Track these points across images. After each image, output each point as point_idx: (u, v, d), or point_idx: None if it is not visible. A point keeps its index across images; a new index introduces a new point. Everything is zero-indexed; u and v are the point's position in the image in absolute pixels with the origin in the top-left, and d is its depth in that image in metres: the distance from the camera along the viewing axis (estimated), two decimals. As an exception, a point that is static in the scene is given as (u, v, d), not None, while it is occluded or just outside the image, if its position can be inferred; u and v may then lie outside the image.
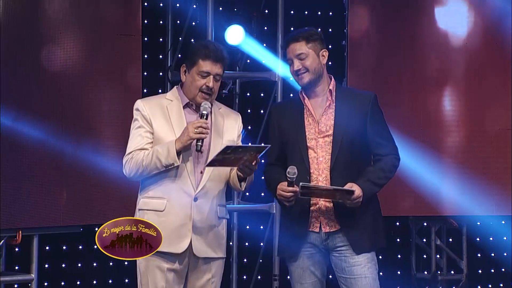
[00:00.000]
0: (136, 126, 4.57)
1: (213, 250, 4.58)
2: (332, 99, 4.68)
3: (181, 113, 4.57)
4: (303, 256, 4.66)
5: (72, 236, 6.90)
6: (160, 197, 4.52)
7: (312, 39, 4.66)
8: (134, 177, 4.55)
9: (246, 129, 7.36)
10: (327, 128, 4.64)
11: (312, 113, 4.68)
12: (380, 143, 4.67)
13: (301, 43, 4.66)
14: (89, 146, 6.45)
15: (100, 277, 7.17)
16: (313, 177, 4.62)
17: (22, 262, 6.59)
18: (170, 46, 7.41)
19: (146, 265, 4.52)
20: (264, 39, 7.48)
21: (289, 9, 7.74)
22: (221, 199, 4.64)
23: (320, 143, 4.64)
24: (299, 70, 4.65)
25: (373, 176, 4.61)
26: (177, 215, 4.50)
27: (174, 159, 4.43)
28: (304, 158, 4.63)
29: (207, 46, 4.54)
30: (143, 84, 6.85)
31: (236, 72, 7.46)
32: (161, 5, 7.42)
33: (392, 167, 4.68)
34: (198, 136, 4.40)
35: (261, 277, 7.63)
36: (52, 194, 6.38)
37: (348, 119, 4.63)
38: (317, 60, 4.66)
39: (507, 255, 7.91)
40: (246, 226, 7.61)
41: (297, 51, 4.65)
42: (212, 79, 4.52)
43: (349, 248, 4.62)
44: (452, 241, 8.03)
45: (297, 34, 4.69)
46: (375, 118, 4.67)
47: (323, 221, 4.63)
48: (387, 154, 4.67)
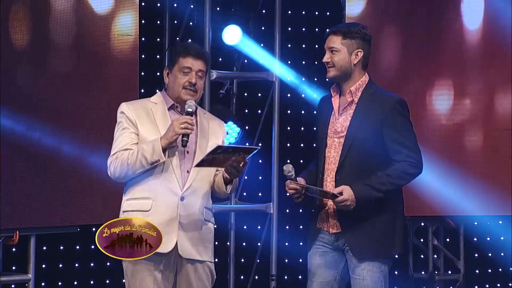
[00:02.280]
0: (120, 127, 4.58)
1: (198, 252, 4.55)
2: (353, 100, 4.62)
3: (166, 114, 4.57)
4: (316, 252, 4.67)
5: (69, 236, 6.89)
6: (146, 197, 4.51)
7: (350, 36, 4.60)
8: (120, 177, 4.54)
9: (244, 129, 7.37)
10: (343, 129, 4.61)
11: (335, 111, 4.66)
12: (395, 149, 4.55)
13: (337, 37, 4.61)
14: (86, 146, 6.44)
15: (97, 277, 7.16)
16: (325, 175, 4.62)
17: (19, 262, 6.59)
18: (167, 46, 7.41)
19: (133, 269, 4.50)
20: (261, 39, 7.48)
21: (287, 9, 7.74)
22: (207, 201, 4.62)
23: (335, 143, 4.62)
24: (327, 63, 4.63)
25: (374, 181, 4.52)
26: (163, 214, 4.48)
27: (159, 155, 4.41)
28: (320, 156, 4.64)
29: (186, 44, 4.62)
30: (140, 84, 6.85)
31: (233, 72, 7.46)
32: (158, 5, 7.41)
33: (402, 174, 4.54)
34: (184, 131, 4.40)
35: (258, 277, 7.63)
36: (49, 194, 6.37)
37: (363, 121, 4.56)
38: (347, 58, 4.60)
39: (504, 255, 7.92)
40: (244, 226, 7.61)
41: (331, 44, 4.62)
42: (195, 75, 4.52)
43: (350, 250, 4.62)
44: (449, 241, 8.04)
45: (339, 27, 4.66)
46: (393, 123, 4.56)
47: (330, 222, 4.63)
48: (401, 161, 4.54)
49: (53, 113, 6.40)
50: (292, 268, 7.74)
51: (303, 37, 7.94)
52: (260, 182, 7.45)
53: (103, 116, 6.58)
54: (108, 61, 6.66)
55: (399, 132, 4.57)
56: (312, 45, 7.92)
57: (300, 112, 7.87)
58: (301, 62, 7.87)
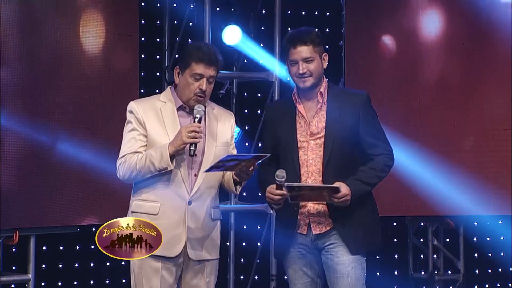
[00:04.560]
0: (129, 128, 4.55)
1: (207, 252, 4.58)
2: (324, 100, 4.67)
3: (175, 115, 4.55)
4: (294, 257, 4.68)
5: (69, 236, 6.89)
6: (154, 200, 4.51)
7: (317, 42, 4.65)
8: (128, 180, 4.54)
9: (243, 129, 7.38)
10: (319, 130, 4.64)
11: (304, 115, 4.68)
12: (372, 143, 4.65)
13: (309, 47, 4.63)
14: (86, 146, 6.45)
15: (97, 277, 7.16)
16: (303, 179, 4.62)
17: (19, 262, 6.59)
18: (167, 46, 7.41)
19: (140, 266, 4.52)
20: (261, 39, 7.48)
21: (286, 9, 7.74)
22: (215, 201, 4.63)
23: (312, 145, 4.64)
24: (304, 74, 4.63)
25: (363, 175, 4.60)
26: (171, 219, 4.48)
27: (167, 163, 4.42)
28: (294, 160, 4.63)
29: (200, 48, 4.51)
30: (140, 84, 6.85)
31: (233, 72, 7.46)
32: (158, 5, 7.41)
33: (384, 166, 4.66)
34: (191, 140, 4.39)
35: (258, 277, 7.63)
36: (49, 195, 6.38)
37: (339, 120, 4.62)
38: (320, 65, 4.67)
39: (504, 255, 7.92)
40: (243, 226, 7.61)
41: (305, 55, 4.63)
42: (205, 82, 4.50)
43: (338, 247, 4.62)
44: (449, 241, 8.04)
45: (305, 36, 4.65)
46: (367, 118, 4.66)
47: (313, 223, 4.63)
48: (379, 154, 4.65)
49: (52, 113, 6.40)
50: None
51: (303, 37, 7.92)
52: (260, 182, 7.43)
53: (103, 116, 6.59)
54: (108, 61, 6.66)
55: (374, 126, 4.68)
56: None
57: (300, 112, 7.85)
58: (301, 62, 7.86)
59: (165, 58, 7.40)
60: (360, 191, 4.58)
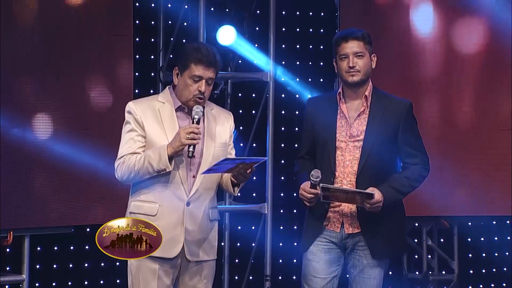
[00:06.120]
0: (127, 129, 4.54)
1: (205, 253, 4.59)
2: (367, 104, 4.70)
3: (173, 116, 4.55)
4: (320, 250, 4.71)
5: (63, 237, 6.88)
6: (152, 201, 4.51)
7: (367, 40, 4.72)
8: (127, 181, 4.54)
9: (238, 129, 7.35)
10: (358, 133, 4.67)
11: (346, 115, 4.70)
12: (410, 153, 4.71)
13: (361, 42, 4.70)
14: (80, 146, 6.44)
15: (91, 278, 7.15)
16: (338, 179, 4.66)
17: (13, 263, 6.58)
18: (161, 47, 7.39)
19: (137, 267, 4.51)
20: (256, 39, 7.48)
21: (281, 9, 7.73)
22: (213, 202, 4.63)
23: (350, 147, 4.68)
24: (353, 67, 4.67)
25: (396, 183, 4.66)
26: (169, 220, 4.48)
27: (166, 164, 4.41)
28: (331, 159, 4.67)
29: (199, 50, 4.50)
30: (135, 84, 6.85)
31: (228, 73, 7.46)
32: (152, 5, 7.40)
33: (418, 177, 4.72)
34: (190, 142, 4.38)
35: (252, 278, 7.63)
36: (43, 195, 6.37)
37: (380, 126, 4.66)
38: (369, 63, 4.73)
39: (498, 255, 7.93)
40: (238, 227, 7.60)
41: (357, 49, 4.69)
42: (204, 83, 4.50)
43: (366, 250, 4.68)
44: (444, 241, 8.04)
45: (358, 32, 4.72)
46: (408, 127, 4.71)
47: (346, 222, 4.68)
48: (416, 164, 4.71)
49: (47, 113, 6.39)
50: (287, 269, 7.74)
51: (298, 38, 7.93)
52: (255, 183, 7.43)
53: (97, 116, 6.58)
54: (102, 62, 6.65)
55: (414, 137, 4.74)
56: (306, 46, 7.91)
57: (295, 112, 7.86)
58: (296, 62, 7.87)
59: (160, 58, 7.38)
60: (392, 199, 4.63)
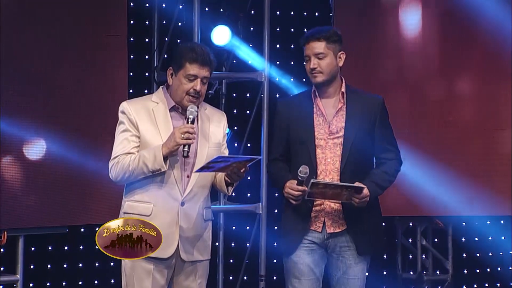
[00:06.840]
0: (121, 129, 4.53)
1: (199, 253, 4.59)
2: (344, 101, 4.72)
3: (167, 116, 4.54)
4: (303, 251, 4.71)
5: (57, 237, 6.87)
6: (147, 201, 4.51)
7: (332, 40, 4.73)
8: (121, 181, 4.53)
9: (232, 129, 7.37)
10: (338, 130, 4.69)
11: (323, 113, 4.70)
12: (386, 148, 4.76)
13: (321, 43, 4.71)
14: (74, 146, 6.43)
15: (86, 278, 7.15)
16: (320, 177, 4.67)
17: (8, 263, 6.56)
18: (156, 47, 7.39)
19: (132, 267, 4.51)
20: (250, 39, 7.48)
21: (275, 9, 7.73)
22: (207, 202, 4.64)
23: (330, 144, 4.69)
24: (314, 69, 4.68)
25: (377, 178, 4.70)
26: (164, 220, 4.47)
27: (161, 164, 4.41)
28: (312, 157, 4.68)
29: (194, 49, 4.50)
30: (129, 84, 6.84)
31: (222, 73, 7.45)
32: (147, 5, 7.39)
33: (395, 172, 4.78)
34: (185, 142, 4.38)
35: (247, 278, 7.63)
36: (37, 195, 6.36)
37: (358, 122, 4.69)
38: (334, 62, 4.73)
39: (492, 255, 7.94)
40: (232, 227, 7.60)
41: (316, 50, 4.70)
42: (200, 82, 4.50)
43: (349, 249, 4.68)
44: (438, 242, 8.05)
45: (319, 32, 4.73)
46: (383, 122, 4.77)
47: (327, 222, 4.68)
48: (392, 159, 4.77)
49: (42, 114, 6.38)
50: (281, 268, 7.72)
51: (292, 38, 7.93)
52: (249, 183, 7.44)
53: (92, 116, 6.57)
54: (97, 61, 6.64)
55: (388, 132, 4.79)
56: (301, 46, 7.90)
57: (289, 112, 7.85)
58: (290, 62, 7.88)
59: (154, 58, 7.38)
60: (374, 194, 4.68)
